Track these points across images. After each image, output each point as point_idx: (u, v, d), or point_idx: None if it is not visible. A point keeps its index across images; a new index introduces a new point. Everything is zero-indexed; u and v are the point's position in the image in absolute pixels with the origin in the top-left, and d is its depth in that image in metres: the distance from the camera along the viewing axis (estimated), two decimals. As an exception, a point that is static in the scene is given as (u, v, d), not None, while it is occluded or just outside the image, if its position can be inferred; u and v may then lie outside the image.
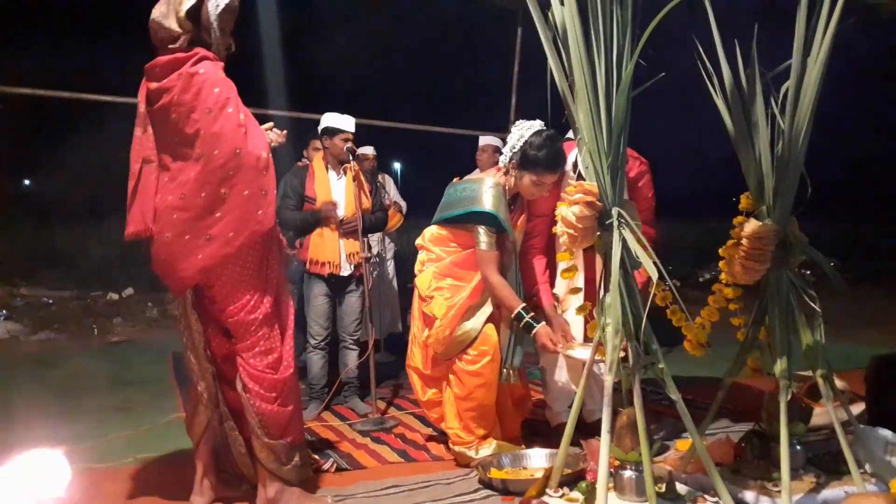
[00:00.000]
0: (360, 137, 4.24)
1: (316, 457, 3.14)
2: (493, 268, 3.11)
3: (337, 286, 4.08)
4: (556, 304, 3.30)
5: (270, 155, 2.51)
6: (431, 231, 3.34)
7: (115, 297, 8.02)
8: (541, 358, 3.41)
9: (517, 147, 3.12)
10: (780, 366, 2.52)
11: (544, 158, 3.06)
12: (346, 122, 4.04)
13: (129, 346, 6.26)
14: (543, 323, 3.07)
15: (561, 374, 3.42)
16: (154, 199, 2.50)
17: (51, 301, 7.55)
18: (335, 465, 3.12)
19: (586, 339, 3.08)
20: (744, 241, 2.50)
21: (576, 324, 3.25)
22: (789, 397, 2.50)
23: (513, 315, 3.07)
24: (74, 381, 4.91)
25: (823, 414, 2.77)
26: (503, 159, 3.19)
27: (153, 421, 3.80)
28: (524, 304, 3.08)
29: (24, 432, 3.64)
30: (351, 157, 3.97)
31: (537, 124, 3.15)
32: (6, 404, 4.21)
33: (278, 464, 2.57)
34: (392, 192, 5.73)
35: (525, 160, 3.10)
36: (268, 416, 2.55)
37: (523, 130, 3.12)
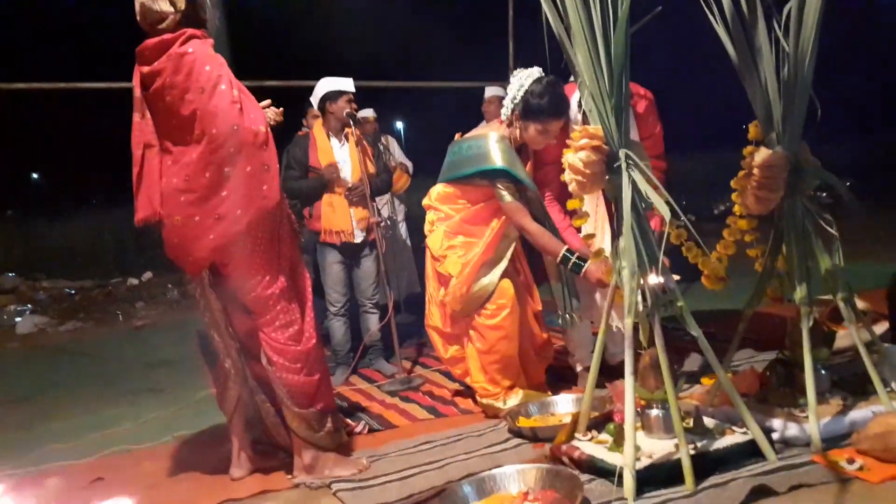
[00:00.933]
0: (359, 100, 4.19)
1: (348, 420, 3.20)
2: (526, 217, 3.09)
3: (350, 253, 4.09)
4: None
5: (269, 129, 2.50)
6: (438, 190, 3.32)
7: (135, 282, 8.12)
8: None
9: (518, 97, 3.06)
10: (799, 292, 2.51)
11: (547, 105, 3.00)
12: (347, 84, 3.98)
13: (154, 328, 6.36)
14: (591, 261, 3.01)
15: (583, 318, 3.43)
16: (159, 183, 2.50)
17: (73, 291, 7.66)
18: (367, 427, 3.18)
19: None
20: (755, 171, 2.47)
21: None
22: (811, 323, 2.50)
23: (558, 259, 3.06)
24: (106, 366, 5.02)
25: (847, 336, 2.76)
26: (505, 111, 3.14)
27: (186, 400, 3.88)
28: (567, 247, 3.07)
29: (65, 420, 3.75)
30: (352, 122, 3.93)
31: (536, 72, 3.08)
32: (45, 394, 4.32)
33: (311, 431, 2.62)
34: (397, 153, 5.70)
35: (528, 109, 3.05)
36: (295, 387, 2.59)
37: (523, 80, 3.06)
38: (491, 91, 5.43)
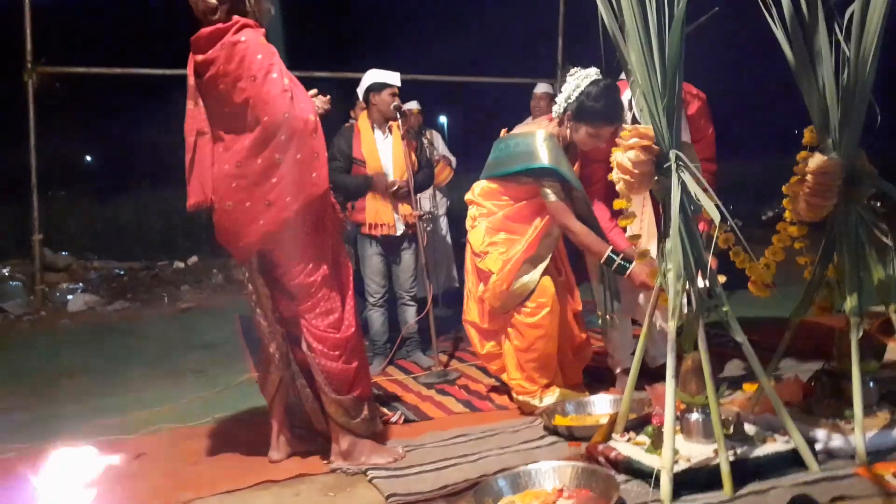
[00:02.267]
0: (404, 93, 4.21)
1: (384, 410, 3.23)
2: (570, 217, 3.07)
3: (390, 246, 4.12)
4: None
5: (318, 118, 2.54)
6: (481, 185, 3.32)
7: (181, 265, 8.29)
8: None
9: (573, 97, 3.02)
10: (850, 302, 2.45)
11: (602, 110, 2.95)
12: (393, 77, 4.01)
13: (198, 312, 6.49)
14: (636, 262, 2.99)
15: (625, 321, 3.41)
16: (211, 169, 2.56)
17: (122, 272, 7.86)
18: (403, 417, 3.21)
19: None
20: (808, 177, 2.42)
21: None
22: (861, 334, 2.44)
23: (602, 260, 3.04)
24: (151, 347, 5.15)
25: (897, 350, 2.70)
26: (556, 109, 3.12)
27: (227, 382, 3.97)
28: (612, 247, 3.04)
29: (111, 396, 3.87)
30: (398, 115, 3.96)
31: (594, 73, 3.03)
32: (93, 370, 4.46)
33: (347, 417, 2.66)
34: (440, 147, 5.72)
35: (581, 111, 3.01)
36: (333, 374, 2.63)
37: (580, 80, 3.01)
38: (541, 88, 5.42)
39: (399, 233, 4.06)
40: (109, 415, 3.48)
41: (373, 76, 4.03)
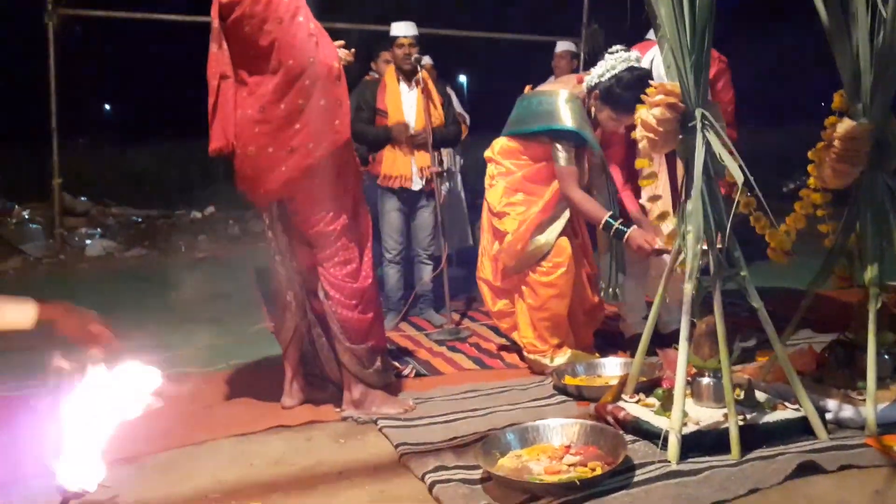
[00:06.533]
0: (421, 47, 4.14)
1: (396, 364, 3.26)
2: (573, 184, 3.04)
3: (409, 200, 4.11)
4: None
5: (342, 65, 2.51)
6: (501, 143, 3.28)
7: (198, 215, 8.34)
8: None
9: (605, 77, 2.94)
10: (870, 273, 2.43)
11: (630, 99, 2.77)
12: (402, 28, 3.96)
13: (214, 261, 6.54)
14: (634, 227, 2.99)
15: (637, 285, 3.39)
16: (234, 114, 2.54)
17: (140, 219, 7.93)
18: (414, 371, 3.24)
19: None
20: (836, 143, 2.37)
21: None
22: (879, 305, 2.42)
23: (601, 225, 3.02)
24: (167, 294, 5.20)
25: (915, 323, 2.66)
26: (588, 81, 3.02)
27: (241, 331, 4.01)
28: (611, 213, 3.02)
29: (127, 340, 3.90)
30: (419, 67, 3.91)
31: (633, 57, 2.95)
32: (110, 314, 4.50)
33: (361, 367, 2.69)
34: (455, 105, 5.64)
35: (610, 95, 2.94)
36: (349, 323, 2.65)
37: (616, 61, 2.93)
38: (562, 46, 5.31)
39: (416, 187, 4.05)
40: (126, 357, 3.53)
41: (392, 29, 3.99)
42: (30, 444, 2.03)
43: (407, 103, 4.02)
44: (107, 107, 18.13)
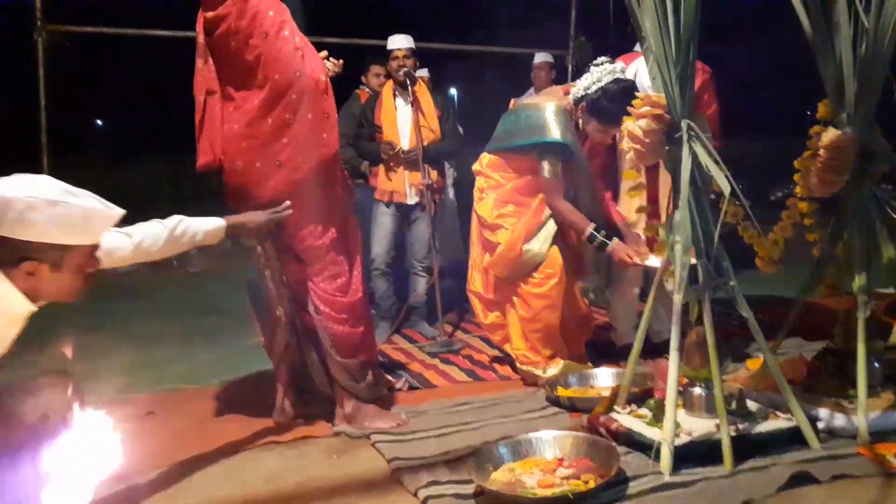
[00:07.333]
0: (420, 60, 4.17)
1: (388, 377, 3.25)
2: (558, 196, 3.06)
3: (402, 214, 4.12)
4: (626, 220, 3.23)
5: (328, 78, 2.52)
6: (489, 156, 3.30)
7: (190, 230, 8.31)
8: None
9: (591, 90, 2.96)
10: (858, 281, 2.44)
11: (616, 112, 2.77)
12: (396, 41, 3.97)
13: (206, 276, 6.51)
14: (616, 239, 3.01)
15: (627, 295, 3.40)
16: (221, 129, 2.54)
17: (131, 236, 7.89)
18: (407, 384, 3.22)
19: None
20: (821, 152, 2.39)
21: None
22: (868, 314, 2.43)
23: (585, 236, 3.03)
24: (159, 309, 5.19)
25: (904, 331, 2.68)
26: (574, 94, 3.04)
27: (234, 346, 3.97)
28: (595, 225, 3.03)
29: (119, 355, 3.89)
30: (409, 82, 3.92)
31: (618, 68, 2.97)
32: (103, 329, 4.50)
33: (352, 381, 2.68)
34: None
35: (596, 107, 2.95)
36: (339, 337, 2.64)
37: (602, 73, 2.94)
38: (540, 57, 5.29)
39: (411, 202, 4.06)
40: (118, 373, 3.51)
41: (388, 43, 4.01)
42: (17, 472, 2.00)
43: (402, 118, 4.03)
44: (98, 122, 18.08)
